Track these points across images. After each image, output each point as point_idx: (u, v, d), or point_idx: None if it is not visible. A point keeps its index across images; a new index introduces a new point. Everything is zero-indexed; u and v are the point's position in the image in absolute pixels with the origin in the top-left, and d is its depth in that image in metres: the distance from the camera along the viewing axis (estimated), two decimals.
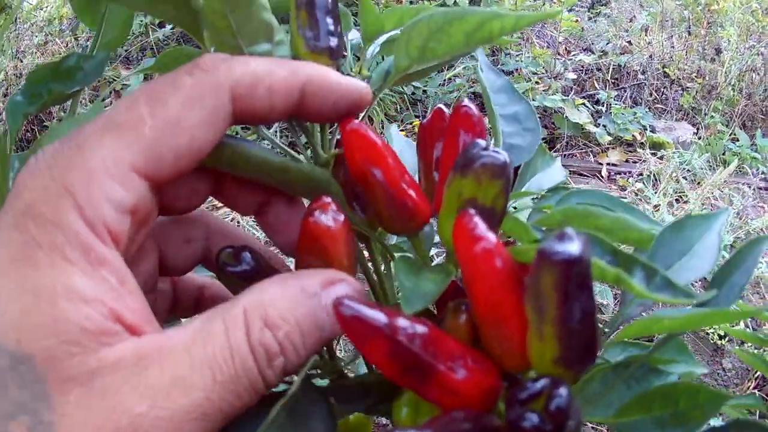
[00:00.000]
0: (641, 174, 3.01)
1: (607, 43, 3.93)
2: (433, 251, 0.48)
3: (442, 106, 0.50)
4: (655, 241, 0.41)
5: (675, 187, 2.85)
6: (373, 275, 0.46)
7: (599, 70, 3.74)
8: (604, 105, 3.45)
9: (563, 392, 0.28)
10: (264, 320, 0.30)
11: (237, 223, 2.62)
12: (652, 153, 3.16)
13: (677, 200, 2.83)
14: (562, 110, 3.14)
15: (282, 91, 0.34)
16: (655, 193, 2.81)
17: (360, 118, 0.55)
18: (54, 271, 0.26)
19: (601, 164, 3.14)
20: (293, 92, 0.34)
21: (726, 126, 3.72)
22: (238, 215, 2.58)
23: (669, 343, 0.41)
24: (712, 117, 3.69)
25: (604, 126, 3.28)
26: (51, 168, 0.28)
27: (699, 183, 2.93)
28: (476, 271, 0.32)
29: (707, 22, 4.20)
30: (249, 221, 2.75)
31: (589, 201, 0.49)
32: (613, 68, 3.75)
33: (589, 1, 4.73)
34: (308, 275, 0.33)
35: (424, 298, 0.34)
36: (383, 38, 0.55)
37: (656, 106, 3.79)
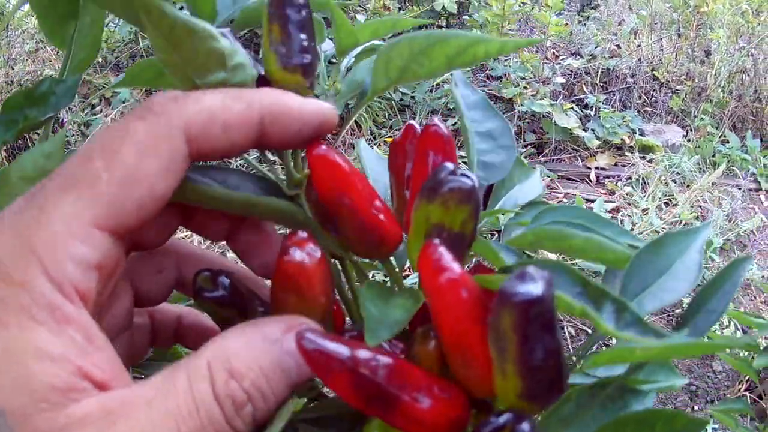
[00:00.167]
0: (630, 178, 3.01)
1: (596, 47, 3.94)
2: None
3: (413, 122, 0.49)
4: (632, 261, 0.40)
5: (664, 190, 2.86)
6: (349, 294, 0.46)
7: (588, 74, 3.75)
8: (593, 109, 3.46)
9: (526, 427, 0.28)
10: (229, 371, 0.30)
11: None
12: (641, 156, 3.16)
13: (666, 204, 2.83)
14: (551, 115, 3.14)
15: (239, 126, 0.33)
16: (644, 196, 2.82)
17: (347, 124, 0.55)
18: (22, 332, 0.27)
19: (590, 168, 3.14)
20: (251, 125, 0.33)
21: (716, 128, 3.73)
22: None
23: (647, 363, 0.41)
24: (701, 119, 3.70)
25: (592, 130, 3.28)
26: (14, 229, 0.29)
27: (688, 186, 2.94)
28: (441, 301, 0.31)
29: (696, 24, 4.22)
30: None
31: (564, 218, 0.48)
32: (602, 72, 3.76)
33: (579, 5, 4.75)
34: (268, 322, 0.33)
35: (390, 327, 0.33)
36: (357, 50, 0.54)
37: (645, 109, 3.80)
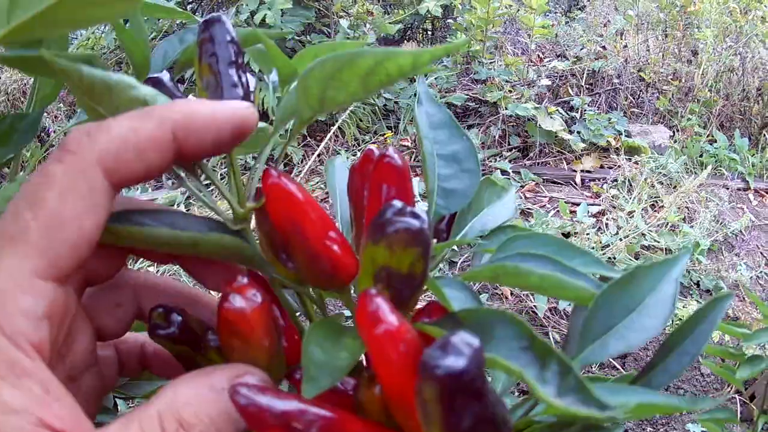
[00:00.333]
0: (616, 180, 3.01)
1: (582, 49, 3.94)
2: None
3: (373, 147, 0.48)
4: (597, 298, 0.37)
5: (650, 192, 2.85)
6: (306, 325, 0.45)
7: (573, 76, 3.75)
8: (579, 111, 3.45)
9: None
10: (178, 421, 0.31)
11: None
12: (627, 158, 3.16)
13: (653, 206, 2.83)
14: (535, 118, 3.14)
15: (152, 148, 0.32)
16: (630, 199, 2.81)
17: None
18: None
19: (575, 171, 3.13)
20: (165, 143, 0.32)
21: (703, 128, 3.74)
22: None
23: None
24: (689, 119, 3.71)
25: (578, 132, 3.28)
26: None
27: (675, 187, 2.94)
28: (378, 354, 0.31)
29: (683, 24, 4.23)
30: None
31: (531, 247, 0.45)
32: (588, 74, 3.76)
33: (566, 5, 4.75)
34: (215, 372, 0.34)
35: (332, 375, 0.33)
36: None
37: (632, 110, 3.81)
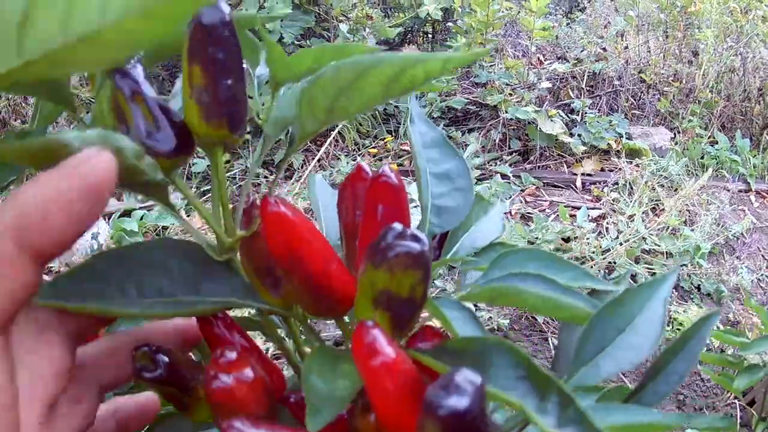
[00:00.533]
0: (617, 183, 2.99)
1: (582, 51, 3.92)
2: None
3: (363, 163, 0.47)
4: (592, 318, 0.38)
5: (651, 195, 2.83)
6: (296, 356, 0.44)
7: (574, 78, 3.73)
8: (579, 114, 3.43)
9: None
10: None
11: None
12: (628, 161, 3.14)
13: (653, 209, 2.81)
14: (535, 121, 3.12)
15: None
16: (631, 202, 2.79)
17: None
18: None
19: (576, 175, 3.11)
20: (13, 259, 0.28)
21: (704, 129, 3.72)
22: None
23: None
24: (690, 121, 3.69)
25: (579, 135, 3.25)
26: None
27: (676, 190, 2.92)
28: (375, 386, 0.30)
29: (684, 25, 4.21)
30: None
31: (522, 264, 0.46)
32: (589, 76, 3.74)
33: (567, 7, 4.73)
34: None
35: (335, 405, 0.32)
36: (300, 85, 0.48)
37: (633, 112, 3.79)
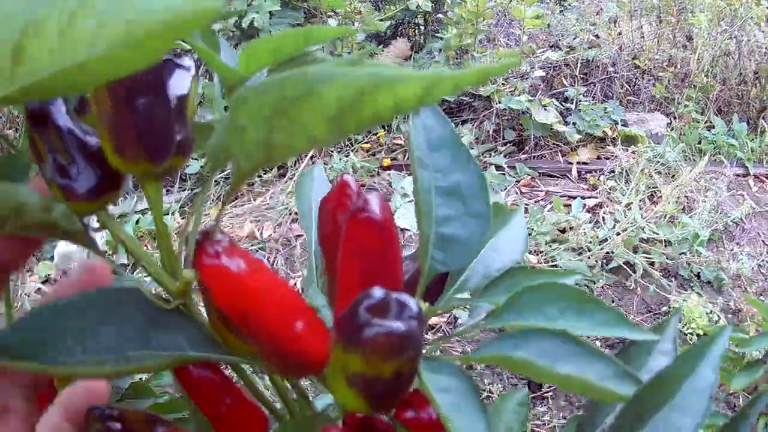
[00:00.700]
0: (613, 171, 2.94)
1: (575, 38, 3.87)
2: None
3: (348, 177, 0.40)
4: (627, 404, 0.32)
5: (648, 182, 2.79)
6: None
7: (567, 66, 3.68)
8: (573, 102, 3.39)
9: None
10: None
11: None
12: (624, 148, 3.10)
13: (651, 197, 2.77)
14: (529, 111, 3.07)
15: None
16: (628, 190, 2.75)
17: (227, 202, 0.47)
18: None
19: (572, 164, 3.06)
20: None
21: (701, 114, 3.67)
22: None
23: None
24: (686, 106, 3.64)
25: (573, 124, 3.20)
26: None
27: (673, 176, 2.87)
28: None
29: (677, 9, 4.16)
30: None
31: (541, 309, 0.37)
32: (582, 63, 3.69)
33: None
34: None
35: None
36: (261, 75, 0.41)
37: (628, 98, 3.74)
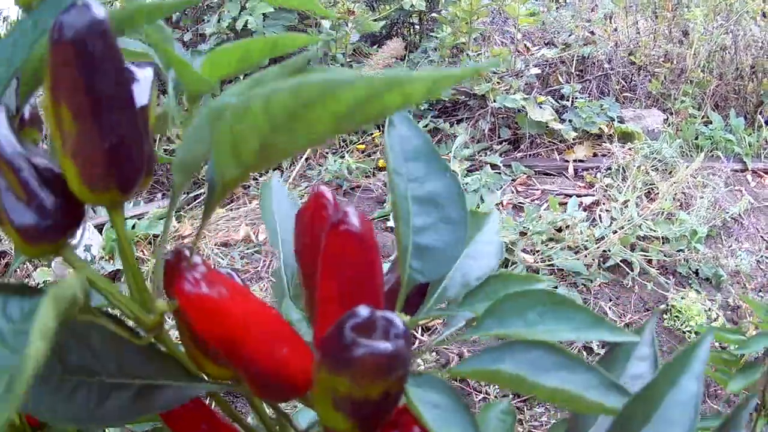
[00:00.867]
0: (609, 168, 2.92)
1: (570, 35, 3.86)
2: None
3: (324, 188, 0.39)
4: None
5: (645, 179, 2.77)
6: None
7: (563, 63, 3.66)
8: (569, 99, 3.37)
9: None
10: None
11: None
12: (620, 145, 3.08)
13: (648, 194, 2.75)
14: (524, 109, 3.05)
15: None
16: (624, 187, 2.73)
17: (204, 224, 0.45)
18: None
19: (568, 161, 3.05)
20: None
21: (698, 109, 3.66)
22: None
23: None
24: (682, 101, 3.62)
25: (569, 121, 3.18)
26: None
27: (671, 173, 2.85)
28: None
29: (672, 5, 4.14)
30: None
31: (522, 315, 0.37)
32: (578, 60, 3.67)
33: None
34: None
35: None
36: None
37: (624, 95, 3.72)
